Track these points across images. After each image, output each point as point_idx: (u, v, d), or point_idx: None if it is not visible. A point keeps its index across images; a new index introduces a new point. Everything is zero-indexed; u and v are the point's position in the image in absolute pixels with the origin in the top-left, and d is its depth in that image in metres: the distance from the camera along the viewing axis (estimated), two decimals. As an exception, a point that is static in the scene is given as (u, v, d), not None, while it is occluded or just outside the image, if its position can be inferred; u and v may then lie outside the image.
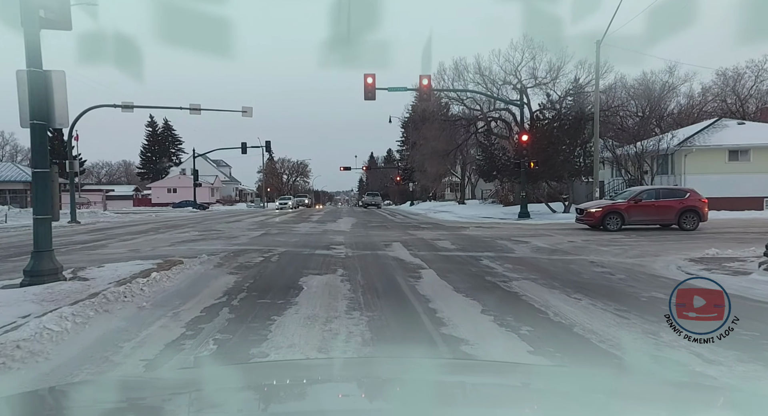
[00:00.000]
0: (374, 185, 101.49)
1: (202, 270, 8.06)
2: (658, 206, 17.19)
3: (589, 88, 30.77)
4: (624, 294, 6.74)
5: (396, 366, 1.83)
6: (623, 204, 17.37)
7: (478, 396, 1.45)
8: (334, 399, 1.39)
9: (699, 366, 3.87)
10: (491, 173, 27.98)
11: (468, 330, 4.86)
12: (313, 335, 4.61)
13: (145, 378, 2.27)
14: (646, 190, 18.06)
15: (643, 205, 17.24)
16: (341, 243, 13.43)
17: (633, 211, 17.16)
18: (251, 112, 26.60)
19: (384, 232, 17.83)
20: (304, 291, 6.62)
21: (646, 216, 17.27)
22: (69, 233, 18.31)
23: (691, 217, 16.89)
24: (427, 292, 6.85)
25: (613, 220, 17.16)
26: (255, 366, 2.59)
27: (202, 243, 13.49)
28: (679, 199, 17.13)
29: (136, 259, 8.89)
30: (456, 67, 32.46)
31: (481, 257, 10.83)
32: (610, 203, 17.77)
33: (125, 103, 24.88)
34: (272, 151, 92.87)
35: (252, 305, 5.86)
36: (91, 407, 1.32)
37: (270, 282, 7.39)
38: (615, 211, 17.24)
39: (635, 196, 17.47)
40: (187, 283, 6.99)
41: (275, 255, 10.67)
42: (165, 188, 73.30)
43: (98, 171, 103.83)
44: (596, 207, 17.84)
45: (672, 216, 17.04)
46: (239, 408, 1.28)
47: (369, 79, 23.90)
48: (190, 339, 4.55)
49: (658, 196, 17.49)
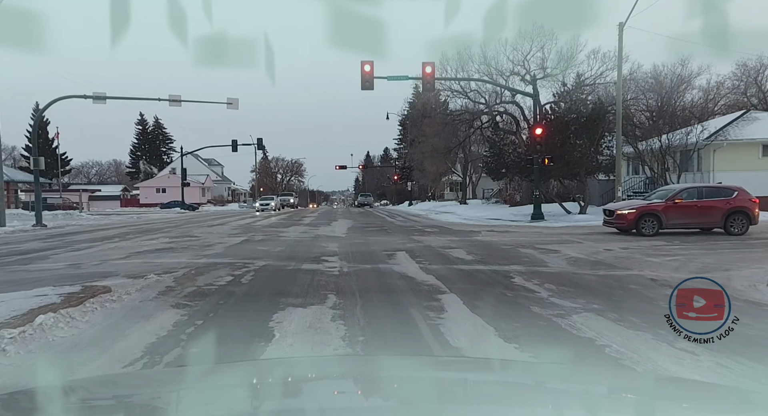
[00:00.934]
0: (371, 184, 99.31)
1: (135, 303, 5.71)
2: (701, 207, 14.95)
3: (605, 79, 28.57)
4: (746, 340, 4.45)
5: (393, 364, 1.79)
6: (660, 205, 15.11)
7: (477, 393, 1.42)
8: (330, 397, 1.37)
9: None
10: (499, 171, 25.71)
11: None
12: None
13: (137, 375, 2.25)
14: (687, 189, 15.79)
15: (683, 205, 14.98)
16: (335, 254, 11.13)
17: (672, 213, 14.92)
18: (237, 104, 24.24)
19: (385, 238, 15.53)
20: (274, 344, 4.31)
21: (686, 218, 15.02)
22: (21, 239, 15.94)
23: (739, 220, 14.66)
24: (460, 340, 4.58)
25: (649, 224, 14.91)
26: (250, 364, 2.41)
27: (167, 254, 11.15)
28: (726, 198, 14.88)
29: (56, 284, 6.53)
30: (460, 58, 30.12)
31: (509, 273, 8.57)
32: (645, 204, 15.50)
33: (96, 94, 22.44)
34: (266, 150, 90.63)
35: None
36: (81, 405, 1.30)
37: (228, 323, 5.07)
38: (651, 213, 14.98)
39: (674, 196, 15.21)
40: (97, 331, 4.61)
41: (250, 273, 8.35)
42: (154, 188, 70.67)
43: (88, 170, 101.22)
44: (628, 208, 15.57)
45: (717, 218, 14.80)
46: (230, 406, 1.23)
47: (367, 66, 21.62)
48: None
49: (701, 196, 15.24)
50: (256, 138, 45.34)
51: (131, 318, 5.02)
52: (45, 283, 6.75)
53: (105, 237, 16.32)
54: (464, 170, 47.58)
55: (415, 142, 48.97)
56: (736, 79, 34.52)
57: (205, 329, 4.84)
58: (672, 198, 15.15)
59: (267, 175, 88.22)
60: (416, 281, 7.73)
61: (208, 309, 5.51)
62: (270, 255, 10.78)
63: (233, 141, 44.91)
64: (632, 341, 4.61)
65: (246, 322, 5.08)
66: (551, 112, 26.15)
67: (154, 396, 1.35)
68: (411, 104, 53.73)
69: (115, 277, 7.53)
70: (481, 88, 31.78)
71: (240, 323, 5.05)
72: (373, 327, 5.00)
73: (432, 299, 6.42)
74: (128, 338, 4.39)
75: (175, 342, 4.34)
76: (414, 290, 7.01)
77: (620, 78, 21.25)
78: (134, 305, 5.58)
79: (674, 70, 29.56)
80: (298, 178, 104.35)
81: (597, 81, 29.14)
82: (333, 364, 1.99)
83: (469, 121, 35.16)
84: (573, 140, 22.46)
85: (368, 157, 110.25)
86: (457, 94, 32.63)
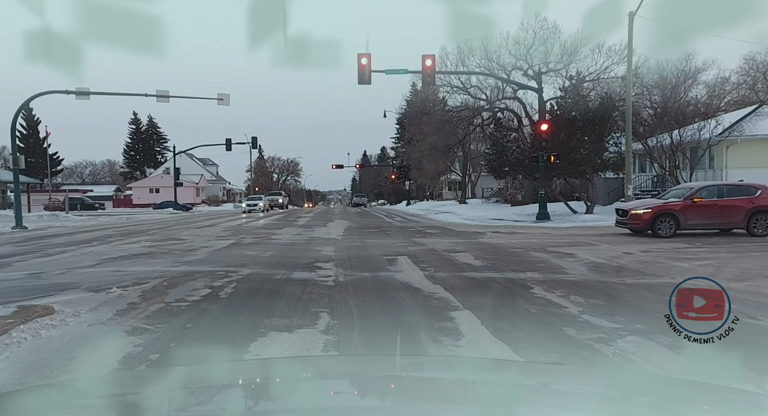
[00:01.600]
0: (368, 184, 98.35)
1: (80, 329, 4.63)
2: (722, 206, 13.95)
3: (609, 74, 27.62)
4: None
5: (391, 364, 1.70)
6: (677, 204, 14.11)
7: (475, 393, 1.40)
8: (326, 397, 1.36)
9: None
10: (502, 169, 24.68)
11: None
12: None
13: (131, 374, 2.15)
14: (706, 187, 14.79)
15: (702, 204, 13.97)
16: (330, 259, 10.09)
17: (690, 213, 13.92)
18: (228, 100, 23.15)
19: (384, 240, 14.50)
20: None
21: (706, 218, 14.04)
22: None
23: (763, 220, 13.67)
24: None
25: (666, 224, 13.92)
26: (246, 364, 2.35)
27: (143, 260, 10.07)
28: (749, 197, 13.88)
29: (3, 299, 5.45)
30: (460, 52, 29.06)
31: (527, 282, 7.56)
32: (661, 203, 14.50)
33: (80, 89, 21.29)
34: (262, 149, 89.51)
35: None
36: (73, 404, 1.26)
37: (190, 358, 4.01)
38: (668, 213, 13.99)
39: (692, 194, 14.21)
40: (10, 375, 3.48)
41: (232, 283, 7.29)
42: (147, 188, 69.40)
43: (81, 171, 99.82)
44: (643, 207, 14.56)
45: (739, 218, 13.82)
46: (223, 407, 1.23)
47: (363, 59, 20.63)
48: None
49: (721, 194, 14.23)
50: (251, 137, 44.08)
51: (67, 352, 3.93)
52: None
53: (84, 240, 15.23)
54: (463, 169, 46.58)
55: (413, 140, 47.97)
56: (744, 74, 33.57)
57: (163, 363, 3.79)
58: (690, 196, 14.15)
59: (263, 174, 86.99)
60: (423, 293, 6.70)
61: (171, 337, 4.44)
62: (257, 262, 9.73)
63: (227, 139, 43.67)
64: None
65: (214, 356, 4.04)
66: (557, 107, 25.09)
67: (148, 396, 1.32)
68: (409, 102, 52.65)
69: (72, 291, 6.47)
70: (482, 83, 30.76)
71: (206, 357, 4.01)
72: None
73: (444, 317, 5.40)
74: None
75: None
76: (421, 306, 5.99)
77: (630, 70, 20.28)
78: (79, 332, 4.51)
79: (679, 66, 28.61)
80: (295, 177, 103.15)
81: (601, 76, 28.18)
82: (332, 364, 1.94)
83: (469, 118, 34.13)
84: (580, 136, 21.44)
85: (365, 156, 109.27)
86: (456, 90, 31.58)
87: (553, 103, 27.49)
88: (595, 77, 28.06)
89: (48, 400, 1.28)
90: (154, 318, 5.10)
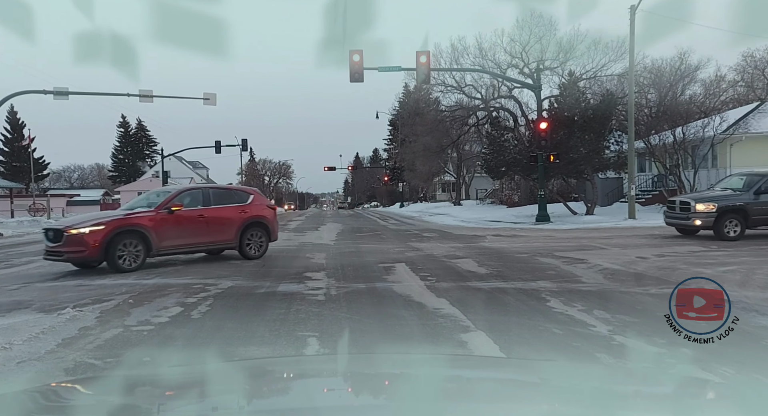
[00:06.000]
0: (360, 186, 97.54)
1: (8, 367, 3.74)
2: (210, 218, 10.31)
3: (608, 71, 26.99)
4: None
5: (385, 361, 1.73)
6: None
7: (473, 391, 1.38)
8: (322, 395, 1.34)
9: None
10: (499, 169, 23.91)
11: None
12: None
13: (127, 376, 2.01)
14: (188, 191, 10.93)
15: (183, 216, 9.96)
16: (321, 268, 9.22)
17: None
18: (214, 100, 22.22)
19: (379, 245, 13.64)
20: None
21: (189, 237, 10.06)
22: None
23: (257, 236, 10.84)
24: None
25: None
26: (238, 364, 2.25)
27: (110, 273, 9.14)
28: (240, 205, 10.84)
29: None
30: (454, 50, 28.31)
31: (540, 293, 6.75)
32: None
33: (57, 89, 20.27)
34: (253, 151, 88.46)
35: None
36: (65, 405, 1.27)
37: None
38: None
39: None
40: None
41: (207, 300, 6.39)
42: (135, 192, 68.03)
43: (70, 175, 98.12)
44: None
45: (231, 234, 10.49)
46: (214, 406, 1.21)
47: (356, 56, 19.77)
48: None
49: (207, 201, 10.59)
50: (241, 139, 43.08)
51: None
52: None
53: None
54: (458, 170, 45.81)
55: (406, 141, 47.23)
56: (741, 71, 33.03)
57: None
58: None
59: (254, 177, 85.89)
60: (427, 310, 5.85)
61: (116, 383, 3.58)
62: (240, 272, 8.83)
63: (216, 142, 42.64)
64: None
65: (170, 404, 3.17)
66: (556, 105, 24.37)
67: (144, 396, 1.31)
68: (401, 103, 51.86)
69: (19, 312, 5.56)
70: (477, 82, 30.04)
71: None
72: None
73: (454, 342, 4.57)
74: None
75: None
76: (426, 326, 5.14)
77: (632, 65, 19.60)
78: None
79: (674, 64, 28.00)
80: (287, 179, 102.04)
81: (599, 74, 27.52)
82: (325, 362, 1.93)
83: (463, 118, 33.42)
84: (579, 135, 20.71)
85: (357, 158, 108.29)
86: (451, 89, 30.83)
87: (550, 101, 26.79)
88: (592, 75, 27.43)
89: (41, 402, 1.27)
90: (105, 350, 4.20)
